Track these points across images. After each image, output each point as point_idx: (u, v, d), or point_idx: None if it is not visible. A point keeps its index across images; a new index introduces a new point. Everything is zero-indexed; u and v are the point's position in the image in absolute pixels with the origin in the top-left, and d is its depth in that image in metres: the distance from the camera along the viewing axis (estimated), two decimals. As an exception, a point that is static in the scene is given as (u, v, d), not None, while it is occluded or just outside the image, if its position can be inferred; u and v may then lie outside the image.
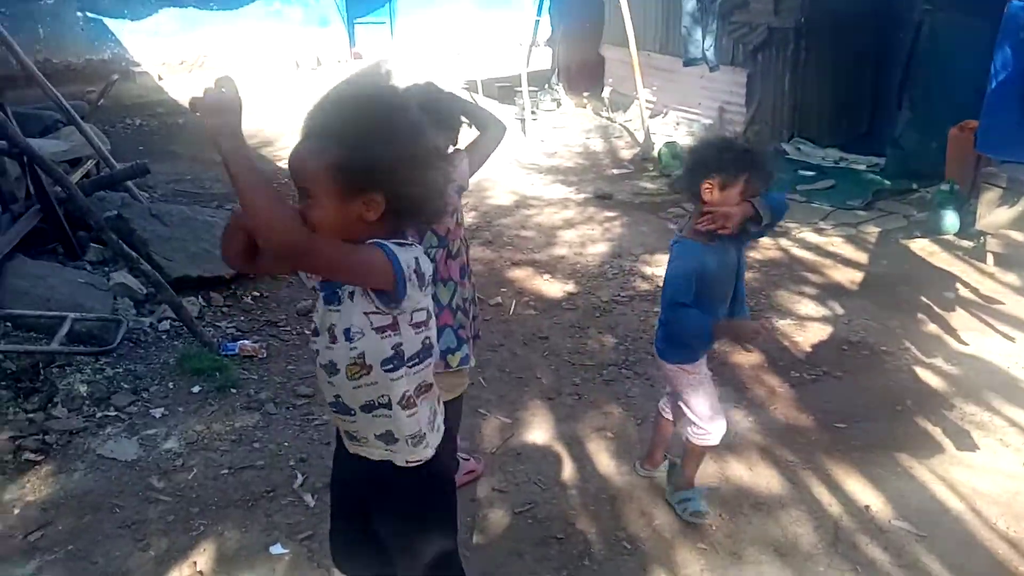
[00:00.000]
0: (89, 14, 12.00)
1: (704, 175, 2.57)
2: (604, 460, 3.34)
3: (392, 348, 1.72)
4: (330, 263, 1.60)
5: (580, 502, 3.08)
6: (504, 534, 2.90)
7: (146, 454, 3.30)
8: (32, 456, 3.18)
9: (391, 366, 1.73)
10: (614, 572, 2.72)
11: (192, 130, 9.65)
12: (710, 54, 8.28)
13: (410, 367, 1.76)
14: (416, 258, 1.66)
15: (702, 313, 2.59)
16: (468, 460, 3.20)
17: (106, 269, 4.64)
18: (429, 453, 1.86)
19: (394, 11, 14.66)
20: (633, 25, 8.86)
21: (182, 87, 11.65)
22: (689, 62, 8.48)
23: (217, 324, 4.47)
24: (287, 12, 13.68)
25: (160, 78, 12.17)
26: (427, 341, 1.78)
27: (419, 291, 1.68)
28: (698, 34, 8.20)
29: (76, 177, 5.41)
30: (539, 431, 3.57)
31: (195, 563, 2.73)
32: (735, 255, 2.70)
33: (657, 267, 5.43)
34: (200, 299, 4.66)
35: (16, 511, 2.93)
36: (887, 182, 7.06)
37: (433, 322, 1.80)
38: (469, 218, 6.61)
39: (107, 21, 12.11)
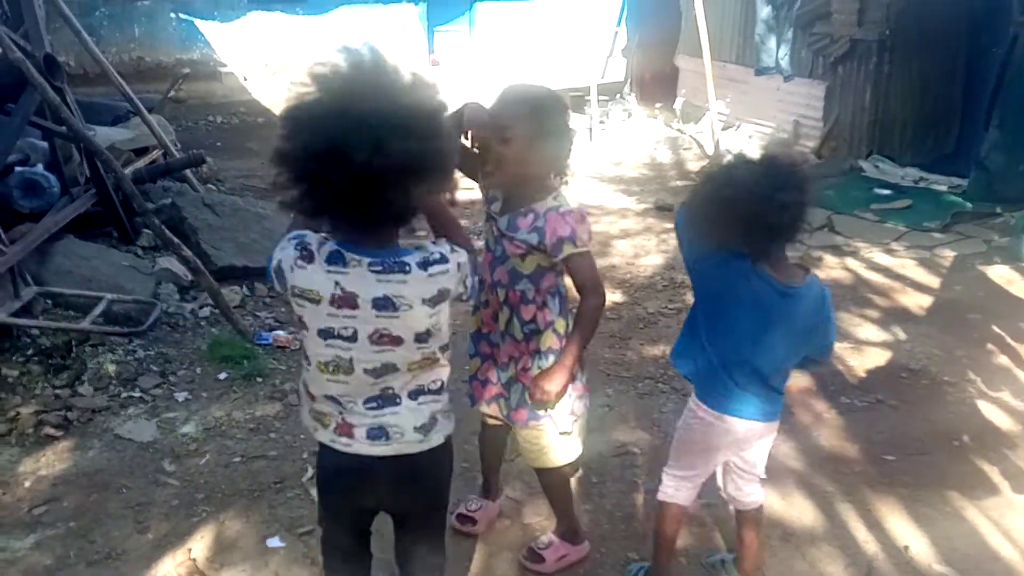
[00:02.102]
0: (182, 15, 12.46)
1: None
2: (626, 476, 3.18)
3: (448, 335, 1.79)
4: None
5: (593, 519, 2.92)
6: (509, 546, 2.77)
7: (163, 437, 3.30)
8: (52, 431, 3.22)
9: (448, 352, 1.81)
10: (618, 595, 2.56)
11: (269, 129, 9.91)
12: (784, 63, 7.98)
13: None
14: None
15: None
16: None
17: (156, 254, 4.73)
18: (453, 421, 1.91)
19: (473, 19, 14.74)
20: (709, 35, 8.62)
21: (265, 89, 11.98)
22: (761, 71, 8.20)
23: (257, 314, 4.49)
24: (369, 18, 13.90)
25: (245, 79, 12.52)
26: None
27: None
28: (772, 42, 7.92)
29: (141, 165, 5.57)
30: (563, 442, 3.42)
31: (190, 549, 2.69)
32: None
33: (711, 281, 5.20)
34: (244, 288, 4.70)
35: (27, 484, 2.96)
36: (968, 204, 6.62)
37: None
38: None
39: (198, 22, 12.54)
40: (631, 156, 9.06)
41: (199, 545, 2.72)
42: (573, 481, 3.10)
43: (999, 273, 5.34)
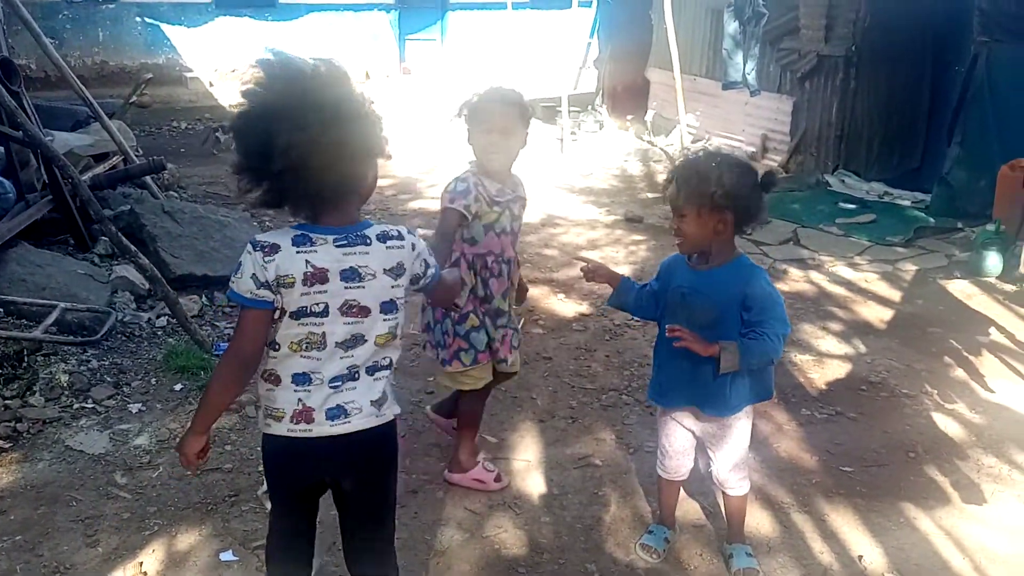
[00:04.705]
0: (147, 19, 12.35)
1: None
2: (587, 488, 3.17)
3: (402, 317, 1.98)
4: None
5: (553, 530, 2.91)
6: (468, 559, 2.74)
7: (115, 449, 3.24)
8: (0, 443, 3.14)
9: (400, 332, 1.98)
10: (575, 608, 2.55)
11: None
12: (751, 78, 8.07)
13: None
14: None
15: None
16: (492, 471, 3.18)
17: (112, 262, 4.65)
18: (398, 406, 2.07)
19: (445, 28, 14.76)
20: (679, 48, 8.71)
21: (232, 94, 11.88)
22: (728, 85, 8.29)
23: (216, 324, 4.42)
24: (339, 25, 13.87)
25: (211, 84, 12.42)
26: None
27: None
28: (739, 57, 8.00)
29: (100, 171, 5.47)
30: (525, 453, 3.41)
31: (141, 563, 2.64)
32: None
33: (676, 293, 5.22)
34: (203, 298, 4.63)
35: (-28, 497, 2.89)
36: (931, 219, 6.73)
37: None
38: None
39: (164, 27, 12.44)
40: (602, 167, 9.10)
41: (150, 559, 2.66)
42: (535, 492, 3.12)
43: (959, 287, 5.43)
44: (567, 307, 5.05)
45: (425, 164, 8.70)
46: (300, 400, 1.87)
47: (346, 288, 1.83)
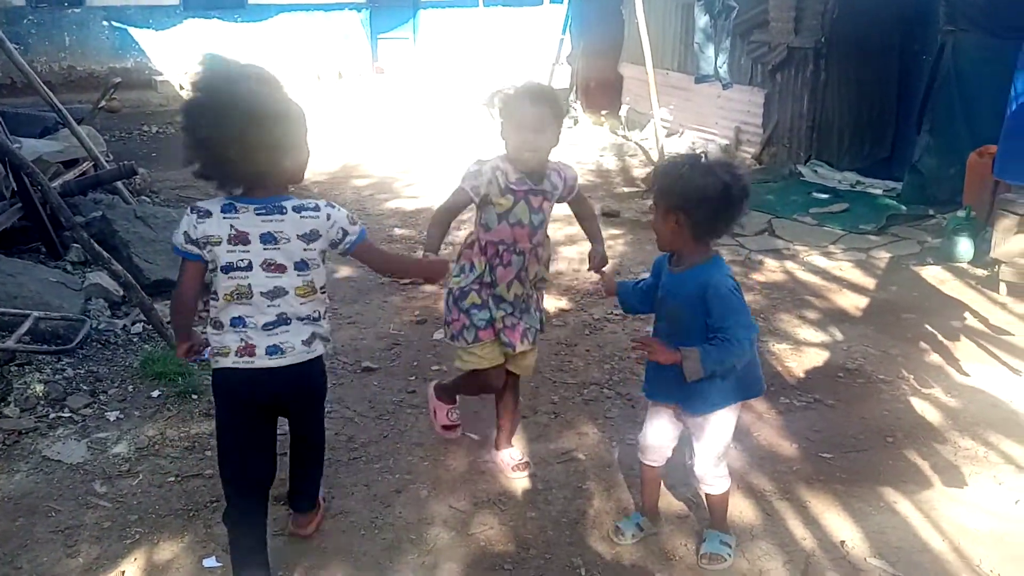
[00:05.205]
0: (115, 23, 12.19)
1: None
2: (571, 482, 3.17)
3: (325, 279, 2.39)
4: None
5: (539, 525, 2.91)
6: (453, 557, 2.74)
7: (93, 458, 3.19)
8: (-25, 455, 3.10)
9: (325, 292, 2.40)
10: (562, 602, 2.55)
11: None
12: (723, 71, 8.13)
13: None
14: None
15: None
16: (454, 422, 3.37)
17: (86, 270, 4.59)
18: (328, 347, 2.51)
19: (417, 27, 14.71)
20: (651, 43, 8.74)
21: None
22: (701, 79, 8.34)
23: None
24: (310, 25, 13.77)
25: (182, 87, 12.26)
26: None
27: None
28: (710, 51, 8.05)
29: (70, 177, 5.40)
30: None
31: (123, 572, 2.61)
32: None
33: (654, 286, 5.25)
34: (179, 303, 4.58)
35: (-52, 511, 2.84)
36: (903, 207, 6.82)
37: None
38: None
39: (132, 30, 12.29)
40: (577, 163, 9.10)
41: (132, 568, 2.63)
42: (519, 488, 3.12)
43: (932, 273, 5.50)
44: (547, 303, 5.02)
45: (401, 164, 8.67)
46: (241, 339, 2.28)
47: (264, 249, 2.23)
